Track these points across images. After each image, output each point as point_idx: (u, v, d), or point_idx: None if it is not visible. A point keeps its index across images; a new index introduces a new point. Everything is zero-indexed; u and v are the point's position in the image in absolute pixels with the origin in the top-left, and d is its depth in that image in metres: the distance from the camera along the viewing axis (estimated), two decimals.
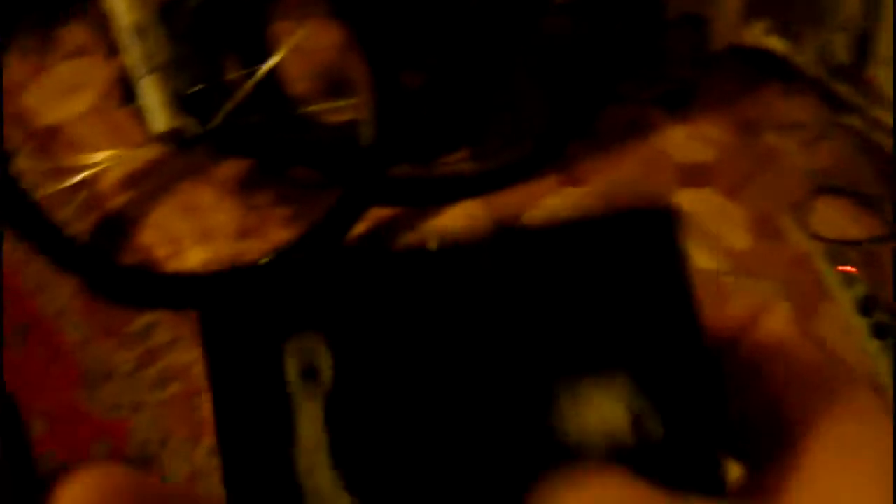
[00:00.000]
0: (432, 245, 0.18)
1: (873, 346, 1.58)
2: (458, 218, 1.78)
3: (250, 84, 1.59)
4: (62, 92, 1.98)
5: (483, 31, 1.72)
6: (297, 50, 1.63)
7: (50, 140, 1.93)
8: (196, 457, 1.54)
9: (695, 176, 1.83)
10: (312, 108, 1.73)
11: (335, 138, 1.71)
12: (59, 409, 1.60)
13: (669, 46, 1.86)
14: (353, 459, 0.17)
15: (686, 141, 1.87)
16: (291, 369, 0.17)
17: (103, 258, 1.69)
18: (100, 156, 1.75)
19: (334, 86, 1.82)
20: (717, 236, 1.74)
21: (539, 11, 1.77)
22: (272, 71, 1.61)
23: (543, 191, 1.82)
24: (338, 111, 1.70)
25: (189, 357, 1.64)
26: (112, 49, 1.72)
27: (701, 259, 1.67)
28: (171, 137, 1.52)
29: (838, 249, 1.67)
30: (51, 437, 1.57)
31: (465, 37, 1.73)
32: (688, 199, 1.79)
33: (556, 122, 1.82)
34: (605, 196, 1.80)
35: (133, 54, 1.44)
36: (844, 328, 1.60)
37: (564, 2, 1.79)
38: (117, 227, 1.81)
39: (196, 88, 1.54)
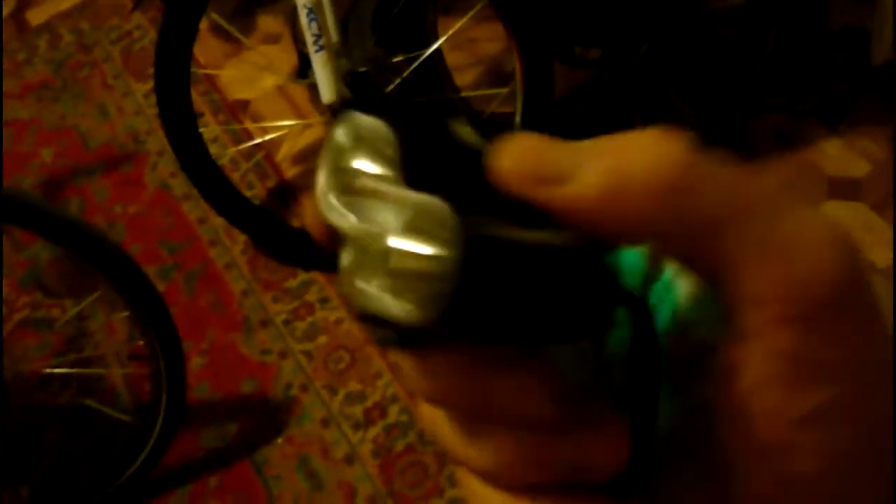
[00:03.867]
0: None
1: None
2: None
3: (412, 68, 1.72)
4: (252, 72, 2.17)
5: (643, 38, 1.78)
6: (458, 39, 1.74)
7: (236, 113, 2.14)
8: (333, 404, 1.68)
9: (845, 189, 1.83)
10: (469, 93, 1.84)
11: (489, 126, 1.81)
12: (217, 348, 1.78)
13: (829, 58, 1.86)
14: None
15: (839, 154, 1.86)
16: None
17: (272, 220, 1.85)
18: (279, 125, 1.93)
19: (491, 76, 1.93)
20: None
21: (700, 24, 1.81)
22: (433, 57, 1.73)
23: None
24: (491, 100, 1.81)
25: (336, 315, 1.78)
26: (295, 35, 1.90)
27: None
28: (336, 111, 1.67)
29: None
30: (206, 372, 1.74)
31: (626, 43, 1.79)
32: (835, 212, 1.78)
33: (705, 129, 1.85)
34: None
35: (308, 32, 1.59)
36: None
37: (728, 10, 1.83)
38: (287, 193, 1.98)
39: (363, 68, 1.68)
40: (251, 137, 2.01)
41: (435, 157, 0.23)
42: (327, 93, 1.63)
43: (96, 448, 1.69)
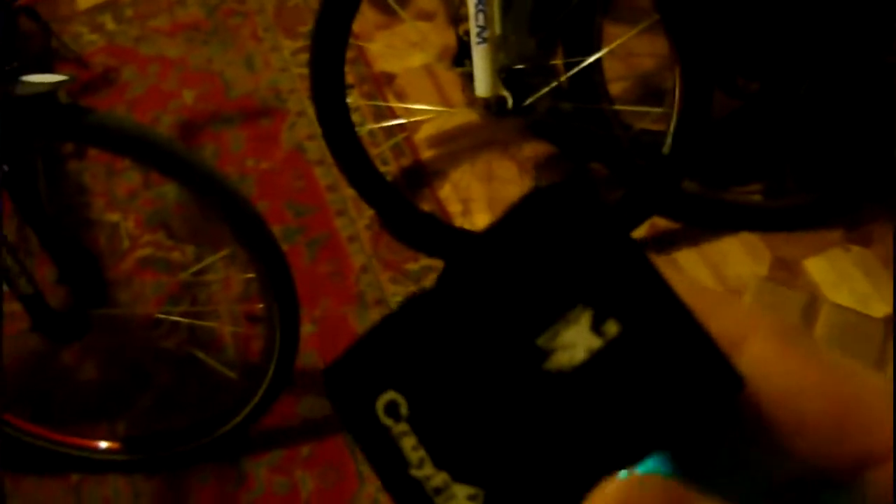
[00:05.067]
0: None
1: None
2: (735, 247, 1.80)
3: (570, 73, 1.69)
4: (402, 47, 2.17)
5: (805, 77, 1.72)
6: (618, 51, 1.71)
7: (381, 86, 2.13)
8: None
9: None
10: (622, 107, 1.81)
11: (637, 141, 1.78)
12: (329, 318, 1.78)
13: None
14: (448, 458, 0.23)
15: None
16: (381, 414, 0.23)
17: (402, 200, 1.84)
18: (422, 107, 1.92)
19: (646, 93, 1.89)
20: None
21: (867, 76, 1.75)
22: (592, 65, 1.70)
23: (827, 243, 1.79)
24: (644, 117, 1.77)
25: None
26: (453, 18, 1.88)
27: None
28: (489, 105, 1.65)
29: None
30: (315, 340, 1.74)
31: (788, 80, 1.74)
32: None
33: (855, 176, 1.79)
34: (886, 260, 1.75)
35: (472, 23, 1.57)
36: None
37: None
38: (421, 175, 1.97)
39: (520, 66, 1.66)
40: (393, 115, 2.00)
41: None
42: (483, 86, 1.61)
43: (197, 398, 1.71)
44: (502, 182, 1.92)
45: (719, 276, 1.77)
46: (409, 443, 0.23)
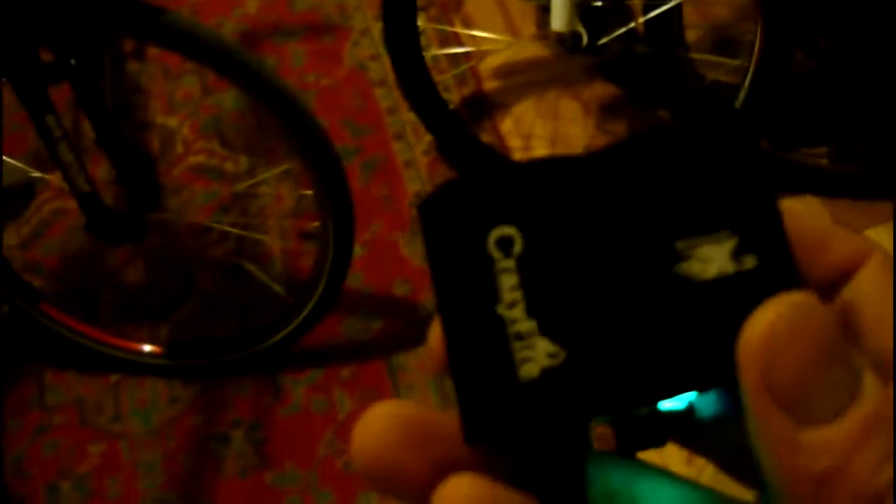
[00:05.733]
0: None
1: None
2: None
3: (648, 16, 1.65)
4: None
5: (887, 41, 1.67)
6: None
7: (450, 10, 2.08)
8: None
9: None
10: (697, 56, 1.76)
11: (710, 92, 1.73)
12: (379, 242, 1.76)
13: None
14: (544, 309, 0.22)
15: None
16: (491, 244, 0.22)
17: (462, 129, 1.81)
18: (490, 36, 1.88)
19: (723, 43, 1.84)
20: None
21: None
22: (671, 10, 1.65)
23: (890, 214, 1.75)
24: (718, 67, 1.72)
25: None
26: None
27: None
28: (563, 40, 1.61)
29: None
30: (364, 263, 1.73)
31: (868, 42, 1.69)
32: None
33: None
34: None
35: None
36: None
37: None
38: (483, 106, 1.93)
39: (599, 3, 1.61)
40: (459, 42, 1.96)
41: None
42: (559, 20, 1.57)
43: (242, 310, 1.71)
44: (566, 121, 1.88)
45: None
46: (508, 281, 0.22)
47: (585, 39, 1.60)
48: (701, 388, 0.22)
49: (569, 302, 0.22)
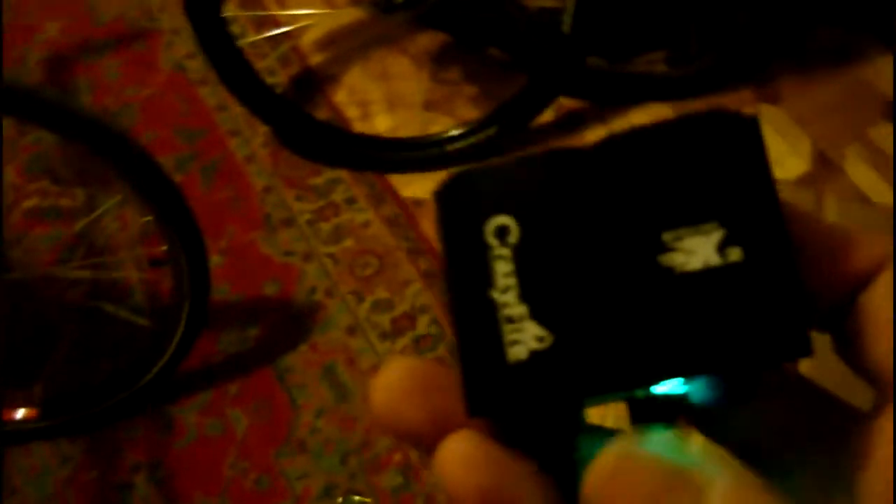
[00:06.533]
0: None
1: None
2: (644, 119, 1.75)
3: None
4: None
5: None
6: None
7: None
8: (359, 311, 1.61)
9: None
10: None
11: (535, 23, 1.69)
12: (238, 247, 1.70)
13: None
14: (536, 295, 0.23)
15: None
16: (489, 232, 0.24)
17: (296, 111, 1.74)
18: (305, 12, 1.80)
19: None
20: None
21: None
22: None
23: (736, 104, 1.76)
24: None
25: (364, 217, 1.70)
26: None
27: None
28: (377, 2, 1.55)
29: None
30: (226, 272, 1.67)
31: None
32: (886, 135, 1.70)
33: (762, 35, 1.74)
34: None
35: None
36: None
37: None
38: (312, 83, 1.86)
39: None
40: (276, 23, 1.88)
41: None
42: None
43: (113, 350, 1.63)
44: (400, 79, 1.83)
45: None
46: (503, 268, 0.24)
47: None
48: (677, 377, 0.23)
49: (558, 289, 0.23)
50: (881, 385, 0.23)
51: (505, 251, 0.24)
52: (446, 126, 1.71)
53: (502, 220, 0.24)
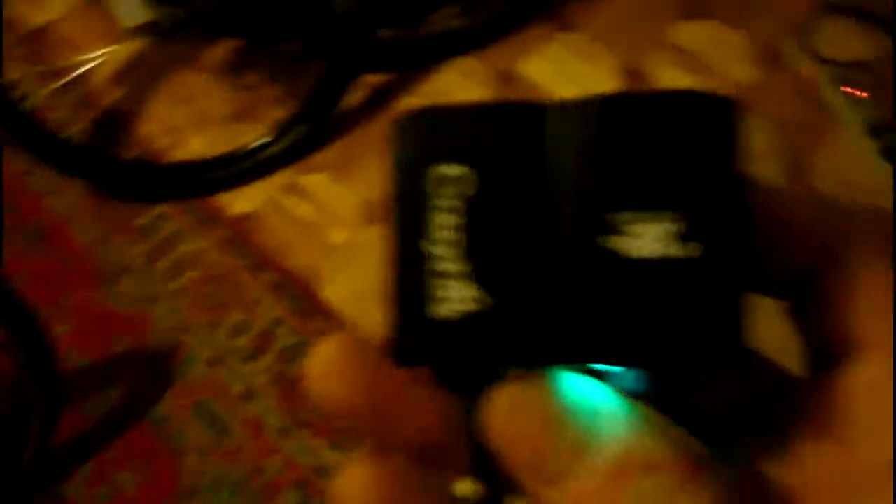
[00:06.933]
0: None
1: (885, 170, 1.53)
2: (454, 77, 1.74)
3: None
4: None
5: None
6: None
7: (37, 44, 1.92)
8: (217, 340, 1.59)
9: (696, 7, 1.76)
10: None
11: (314, 8, 1.66)
12: (79, 308, 1.65)
13: None
14: (480, 255, 0.22)
15: None
16: (430, 182, 0.23)
17: (103, 156, 1.69)
18: (88, 54, 1.74)
19: None
20: (721, 71, 1.68)
21: None
22: None
23: (537, 39, 1.76)
24: None
25: (198, 245, 1.66)
26: None
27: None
28: (149, 30, 1.50)
29: (846, 72, 1.60)
30: (72, 337, 1.62)
31: None
32: (688, 33, 1.72)
33: None
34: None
35: None
36: (853, 155, 1.55)
37: None
38: (114, 123, 1.80)
39: None
40: (62, 72, 1.81)
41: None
42: (130, 17, 1.47)
43: None
44: (202, 98, 1.78)
45: None
46: (442, 220, 0.23)
47: (172, 16, 1.50)
48: (606, 365, 0.22)
49: (504, 253, 0.22)
50: (847, 346, 0.22)
51: (447, 202, 0.22)
52: (258, 134, 1.68)
53: (452, 169, 0.23)
